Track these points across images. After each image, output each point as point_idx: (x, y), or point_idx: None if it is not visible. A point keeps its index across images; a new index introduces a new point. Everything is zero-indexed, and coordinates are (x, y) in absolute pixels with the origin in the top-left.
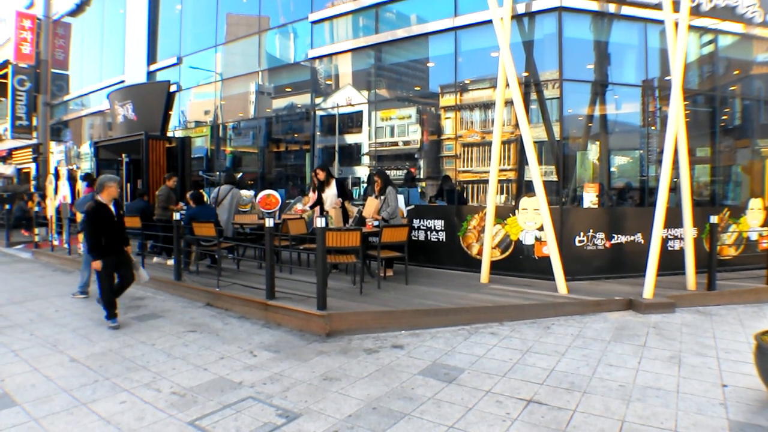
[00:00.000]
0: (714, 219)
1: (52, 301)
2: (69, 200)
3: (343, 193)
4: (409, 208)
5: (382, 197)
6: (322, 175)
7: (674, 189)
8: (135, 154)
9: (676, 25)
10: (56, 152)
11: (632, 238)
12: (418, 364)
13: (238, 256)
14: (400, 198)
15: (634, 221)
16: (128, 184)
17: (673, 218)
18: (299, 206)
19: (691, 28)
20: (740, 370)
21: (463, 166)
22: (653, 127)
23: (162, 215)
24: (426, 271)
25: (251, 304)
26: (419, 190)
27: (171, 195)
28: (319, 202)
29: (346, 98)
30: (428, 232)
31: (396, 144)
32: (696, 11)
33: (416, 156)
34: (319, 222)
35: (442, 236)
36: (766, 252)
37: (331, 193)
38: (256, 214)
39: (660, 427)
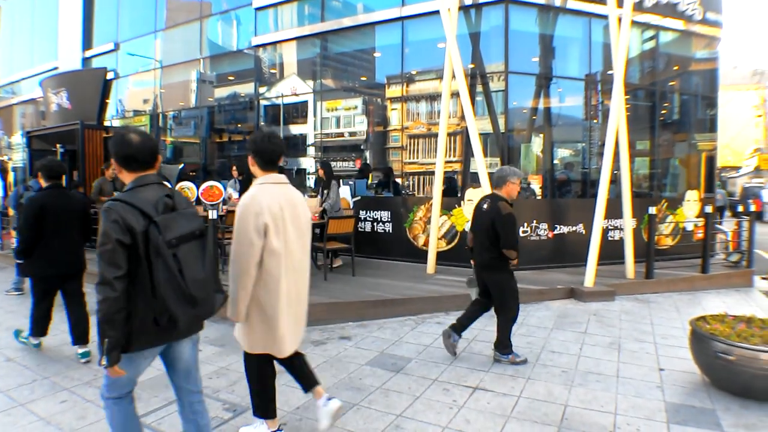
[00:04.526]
0: (652, 210)
1: None
2: (1, 194)
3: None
4: (355, 199)
5: (326, 191)
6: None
7: (615, 181)
8: (70, 144)
9: (620, 20)
10: None
11: (574, 228)
12: (366, 354)
13: None
14: (347, 189)
15: (576, 212)
16: (63, 176)
17: (614, 209)
18: (231, 191)
19: (634, 23)
20: (676, 355)
21: (410, 158)
22: (595, 121)
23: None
24: (373, 263)
25: None
26: (367, 182)
27: (103, 185)
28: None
29: (291, 88)
30: (375, 224)
31: (342, 135)
32: (639, 7)
33: (362, 147)
34: None
35: (389, 227)
36: (701, 242)
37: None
38: (201, 206)
39: (600, 410)
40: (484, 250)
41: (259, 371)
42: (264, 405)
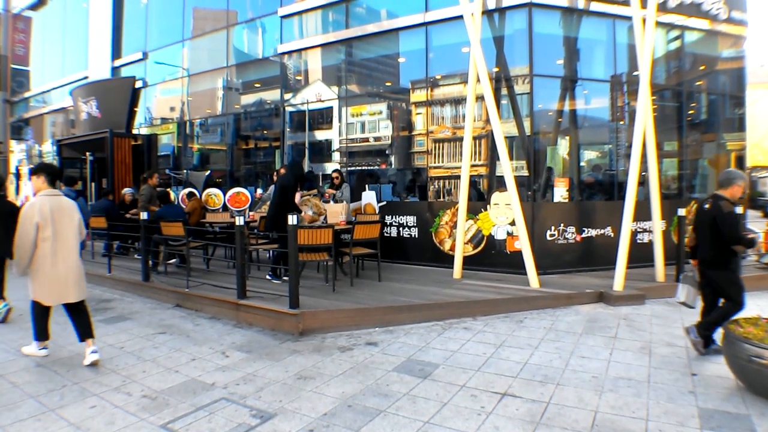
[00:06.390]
0: (682, 212)
1: (16, 305)
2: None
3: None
4: (381, 204)
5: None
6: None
7: (643, 183)
8: (99, 152)
9: (644, 21)
10: (17, 151)
11: (602, 231)
12: (393, 360)
13: (208, 256)
14: (372, 194)
15: (604, 215)
16: (92, 183)
17: (642, 211)
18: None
19: (659, 24)
20: (709, 359)
21: (435, 162)
22: (622, 122)
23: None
24: (399, 268)
25: (222, 305)
26: (392, 187)
27: (152, 193)
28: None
29: (316, 94)
30: (400, 229)
31: (367, 140)
32: (663, 8)
33: (387, 152)
34: (291, 220)
35: (415, 232)
36: None
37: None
38: (228, 213)
39: (632, 416)
40: (707, 247)
41: (39, 311)
42: (39, 331)
